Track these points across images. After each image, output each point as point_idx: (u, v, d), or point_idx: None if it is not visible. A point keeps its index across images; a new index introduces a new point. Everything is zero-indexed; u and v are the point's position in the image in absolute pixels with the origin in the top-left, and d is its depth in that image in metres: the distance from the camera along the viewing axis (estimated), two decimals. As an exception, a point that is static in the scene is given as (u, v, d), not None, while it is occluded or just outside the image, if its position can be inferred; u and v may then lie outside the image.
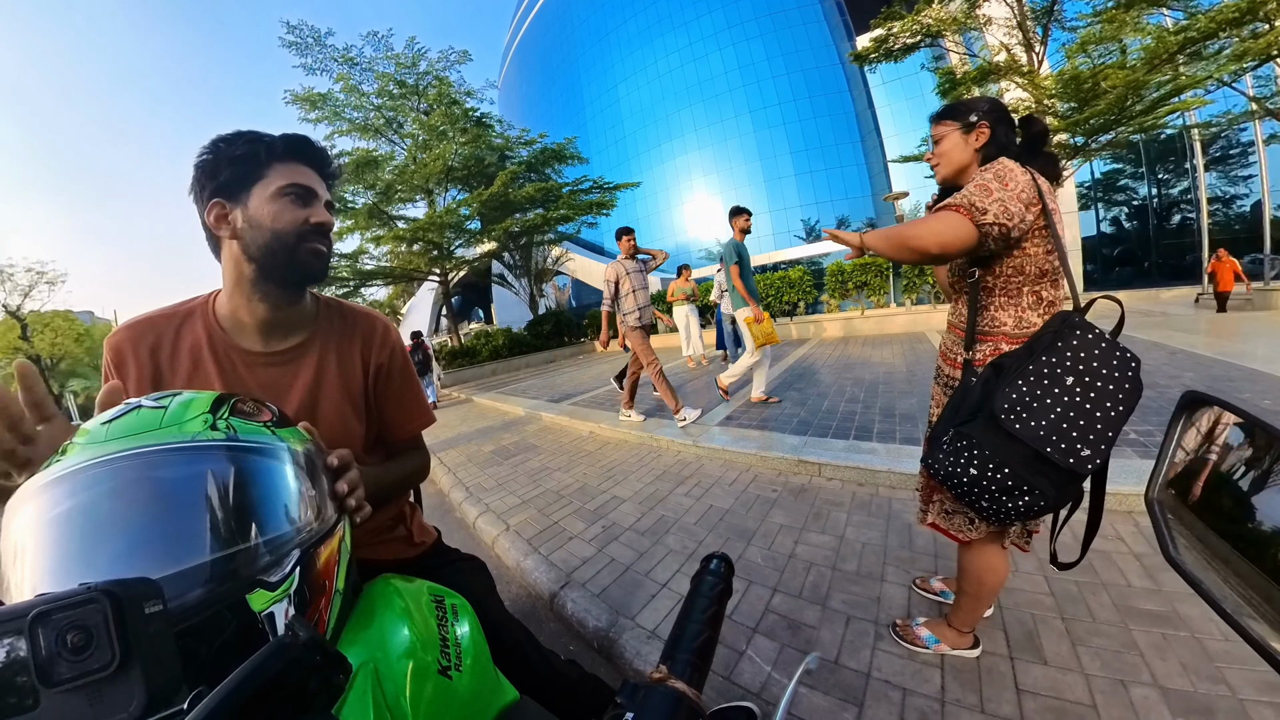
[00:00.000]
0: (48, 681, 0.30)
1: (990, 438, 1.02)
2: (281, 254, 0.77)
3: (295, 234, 0.77)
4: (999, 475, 1.01)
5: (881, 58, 11.89)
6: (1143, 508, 2.06)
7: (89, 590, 0.31)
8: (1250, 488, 0.41)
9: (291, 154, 0.79)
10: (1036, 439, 0.96)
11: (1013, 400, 1.00)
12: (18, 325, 24.68)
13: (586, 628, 1.84)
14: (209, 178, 0.76)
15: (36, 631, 0.30)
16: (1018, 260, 1.11)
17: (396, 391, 0.97)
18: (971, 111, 1.24)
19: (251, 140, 0.77)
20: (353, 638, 0.57)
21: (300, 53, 13.49)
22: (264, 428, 0.56)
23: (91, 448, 0.46)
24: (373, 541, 0.95)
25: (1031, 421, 0.97)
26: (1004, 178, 1.07)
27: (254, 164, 0.76)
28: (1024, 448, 0.98)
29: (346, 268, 14.56)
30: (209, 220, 0.77)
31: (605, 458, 3.94)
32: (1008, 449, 1.00)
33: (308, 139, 0.82)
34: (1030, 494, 0.99)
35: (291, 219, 0.77)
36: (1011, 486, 1.00)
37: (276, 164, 0.77)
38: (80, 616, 0.31)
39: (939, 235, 1.08)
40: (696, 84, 35.77)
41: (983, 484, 1.03)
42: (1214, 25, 8.43)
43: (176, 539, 0.45)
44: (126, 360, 0.78)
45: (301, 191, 0.78)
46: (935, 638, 1.43)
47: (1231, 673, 1.23)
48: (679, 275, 8.09)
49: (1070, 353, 0.97)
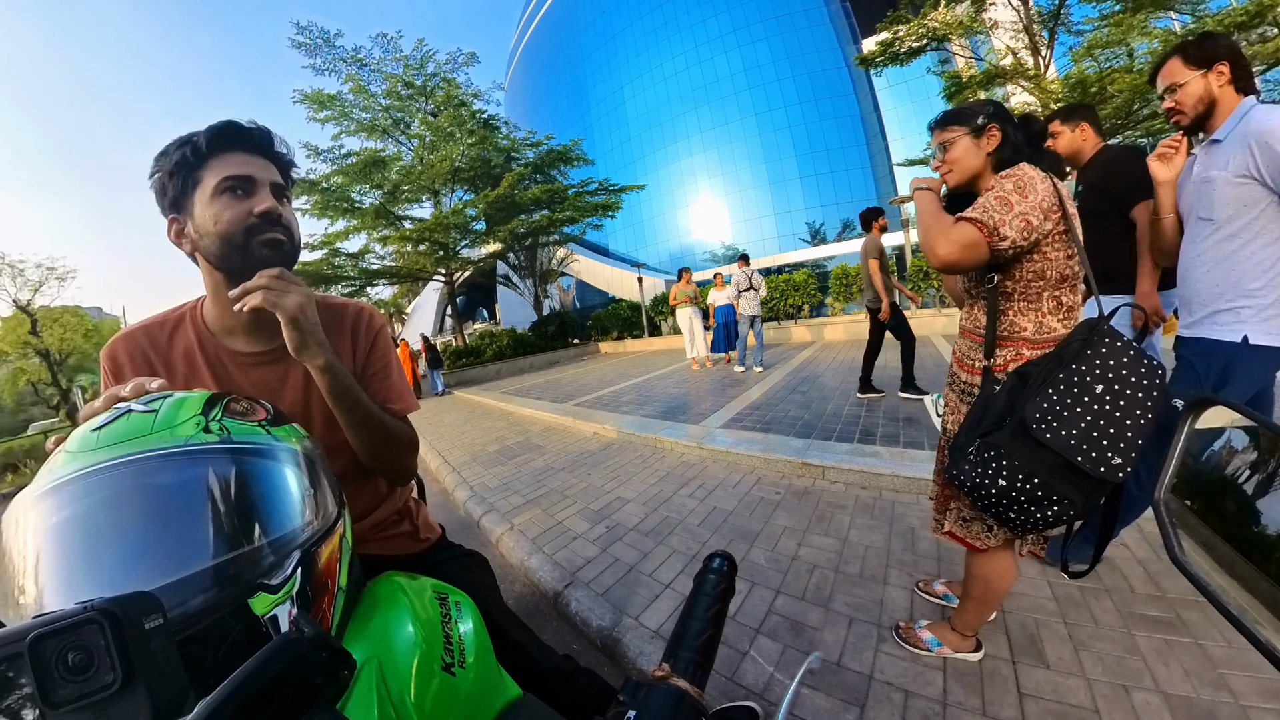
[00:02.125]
0: (50, 703, 0.30)
1: (1019, 447, 1.01)
2: (235, 255, 0.73)
3: (242, 231, 0.72)
4: (1028, 485, 1.00)
5: (887, 61, 11.84)
6: (1146, 513, 2.04)
7: (87, 610, 0.31)
8: (1257, 490, 0.41)
9: (221, 146, 0.73)
10: (1067, 448, 0.95)
11: (1043, 409, 0.99)
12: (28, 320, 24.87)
13: (590, 627, 1.84)
14: (161, 195, 0.73)
15: (37, 653, 0.30)
16: (1038, 265, 1.09)
17: (381, 377, 0.93)
18: (977, 115, 1.20)
19: (181, 144, 0.72)
20: (357, 634, 0.57)
21: (309, 53, 13.62)
22: (258, 427, 0.56)
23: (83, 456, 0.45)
24: (377, 537, 0.95)
25: (1062, 430, 0.96)
26: (1024, 188, 1.05)
27: (189, 169, 0.72)
28: (1054, 457, 0.97)
29: (352, 267, 14.64)
30: (171, 238, 0.75)
31: (609, 458, 3.94)
32: (1037, 458, 0.99)
33: (231, 123, 0.75)
34: (1060, 503, 0.98)
35: (233, 216, 0.72)
36: (1041, 496, 0.99)
37: (210, 161, 0.72)
38: (79, 637, 0.31)
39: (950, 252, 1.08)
40: (702, 86, 35.81)
41: (1011, 494, 1.02)
42: (1222, 29, 8.38)
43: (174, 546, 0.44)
44: (124, 369, 0.78)
45: (238, 183, 0.72)
46: (938, 640, 1.42)
47: (1235, 679, 1.22)
48: (680, 278, 8.07)
49: (1099, 361, 0.96)
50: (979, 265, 1.10)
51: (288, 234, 0.77)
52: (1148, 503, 1.03)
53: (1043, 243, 1.07)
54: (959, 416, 1.31)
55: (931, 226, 1.15)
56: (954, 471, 1.12)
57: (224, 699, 0.29)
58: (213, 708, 0.29)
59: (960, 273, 1.17)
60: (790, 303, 12.15)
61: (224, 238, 0.72)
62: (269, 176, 0.76)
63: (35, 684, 0.30)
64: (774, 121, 33.20)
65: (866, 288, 4.53)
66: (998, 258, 1.08)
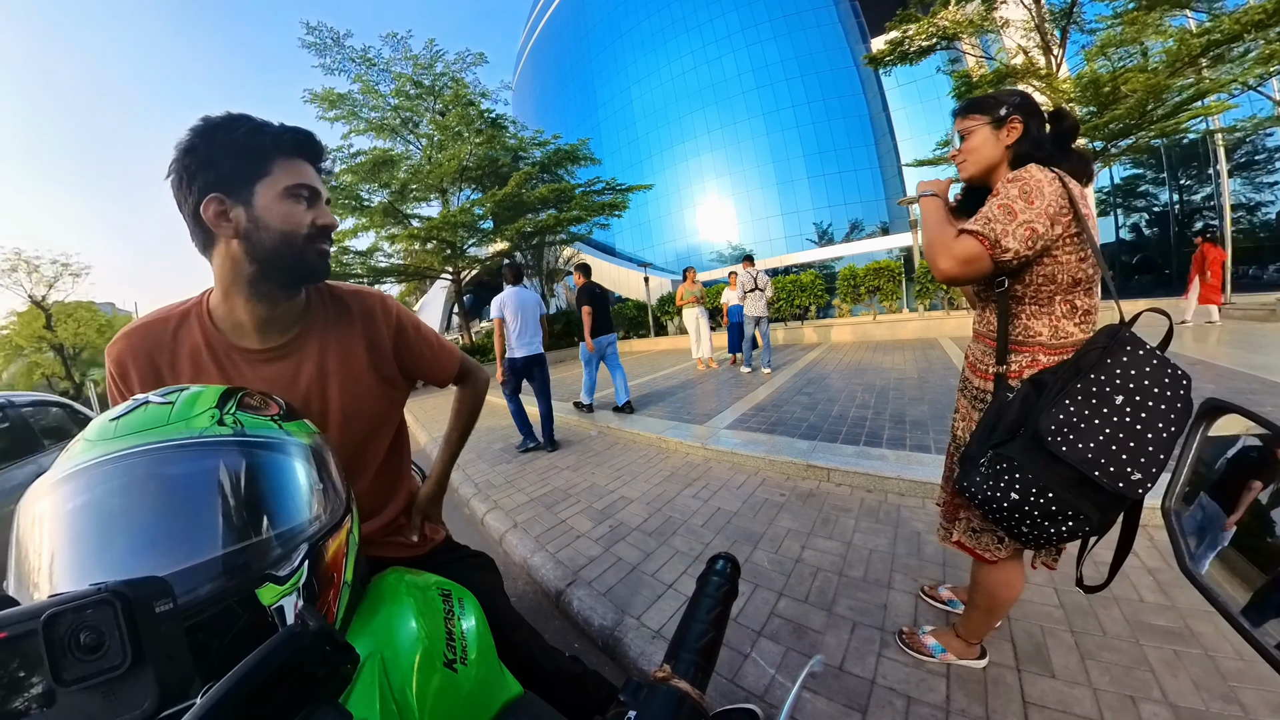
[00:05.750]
0: (62, 680, 0.31)
1: (1033, 459, 0.97)
2: (289, 256, 0.74)
3: (305, 236, 0.74)
4: (1042, 500, 0.96)
5: (897, 61, 11.76)
6: (1156, 520, 2.01)
7: (100, 590, 0.32)
8: (1270, 500, 0.40)
9: (297, 150, 0.75)
10: (1084, 461, 0.91)
11: (1059, 421, 0.94)
12: (43, 315, 25.27)
13: (592, 626, 1.84)
14: (202, 167, 0.68)
15: (50, 631, 0.31)
16: (1049, 268, 1.05)
17: (418, 349, 1.00)
18: (1001, 105, 1.14)
19: (254, 130, 0.71)
20: (360, 629, 0.58)
21: (319, 53, 13.73)
22: (271, 421, 0.57)
23: (101, 444, 0.47)
24: (384, 540, 0.96)
25: (1080, 443, 0.92)
26: (1030, 194, 1.01)
27: (258, 158, 0.71)
28: (1070, 471, 0.93)
29: (360, 265, 14.74)
30: (207, 216, 0.69)
31: (613, 457, 3.94)
32: (1052, 472, 0.95)
33: (313, 135, 0.77)
34: (1075, 519, 0.95)
35: (299, 222, 0.74)
36: (1055, 511, 0.96)
37: (280, 159, 0.72)
38: (92, 617, 0.31)
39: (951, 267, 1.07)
40: (710, 86, 35.67)
41: (1024, 509, 0.99)
42: (1239, 28, 8.22)
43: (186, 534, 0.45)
44: (129, 369, 0.77)
45: (310, 193, 0.75)
46: (942, 646, 1.41)
47: (1246, 692, 1.20)
48: (685, 278, 7.99)
49: (1120, 370, 0.92)
50: (983, 277, 1.08)
51: (330, 246, 0.81)
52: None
53: (1053, 247, 1.03)
54: (970, 423, 1.26)
55: (935, 239, 1.12)
56: (964, 483, 1.09)
57: (229, 689, 0.30)
58: (218, 697, 0.29)
59: (965, 284, 1.14)
60: (797, 304, 12.11)
61: (287, 237, 0.73)
62: (326, 193, 0.80)
63: (47, 661, 0.31)
64: (782, 121, 33.01)
65: None
66: (1002, 269, 1.05)
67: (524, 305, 4.30)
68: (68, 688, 0.31)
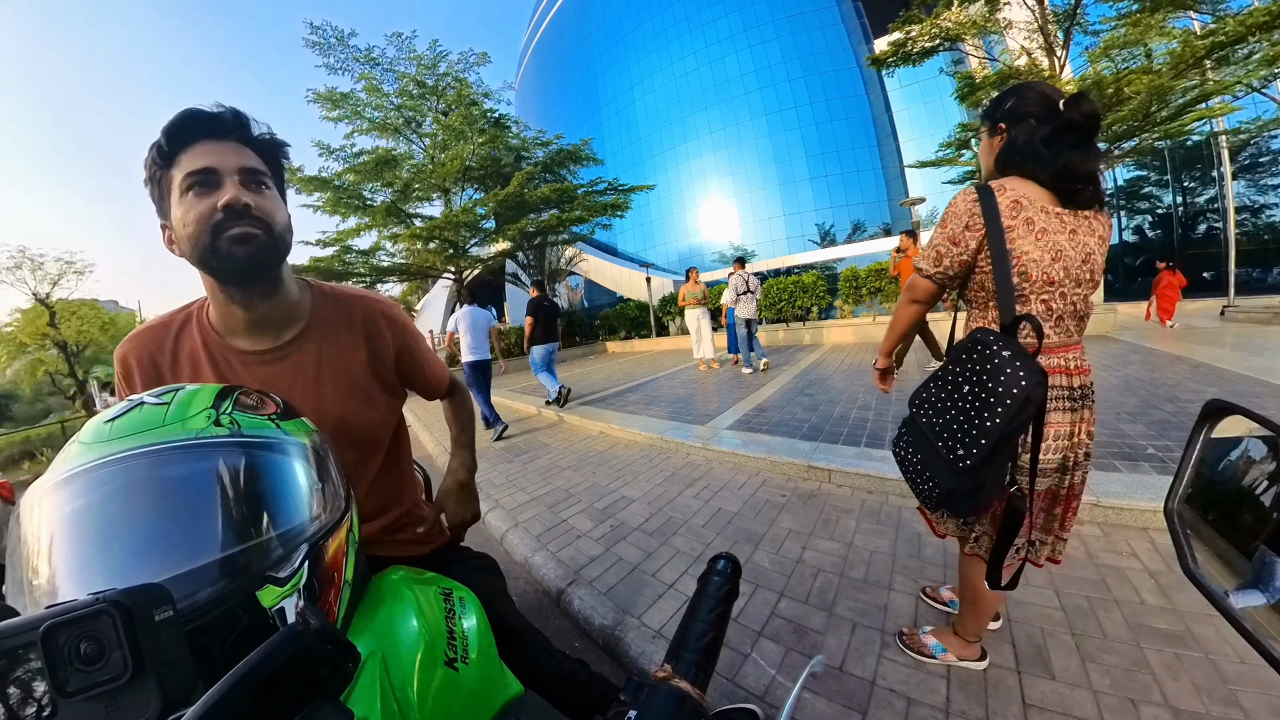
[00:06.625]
0: (64, 692, 0.31)
1: (912, 425, 1.23)
2: (209, 256, 0.68)
3: (209, 230, 0.66)
4: (915, 459, 1.20)
5: (899, 61, 11.73)
6: (1159, 524, 2.01)
7: (99, 601, 0.32)
8: (1274, 502, 0.40)
9: (186, 139, 0.67)
10: (933, 433, 1.12)
11: (923, 398, 1.18)
12: (47, 312, 25.37)
13: (592, 625, 1.84)
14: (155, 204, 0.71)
15: (50, 643, 0.31)
16: (978, 278, 1.16)
17: (420, 361, 1.02)
18: (995, 111, 1.18)
19: (151, 148, 0.68)
20: (361, 627, 0.58)
21: (323, 53, 13.76)
22: (268, 421, 0.56)
23: (96, 447, 0.46)
24: (386, 540, 0.95)
25: (936, 419, 1.12)
26: (944, 219, 1.16)
27: (161, 171, 0.68)
28: (923, 438, 1.16)
29: (363, 264, 14.77)
30: (166, 246, 0.72)
31: (615, 457, 3.94)
32: (922, 438, 1.18)
33: (190, 112, 0.68)
34: (932, 480, 1.14)
35: (198, 215, 0.66)
36: (920, 469, 1.18)
37: (179, 158, 0.67)
38: (91, 628, 0.31)
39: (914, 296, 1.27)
40: (713, 86, 35.68)
41: (904, 465, 1.24)
42: (1243, 29, 8.20)
43: (184, 538, 0.45)
44: (133, 371, 0.79)
45: (200, 177, 0.66)
46: (942, 647, 1.41)
47: (1247, 696, 1.20)
48: (687, 278, 7.98)
49: (972, 365, 1.05)
50: (934, 295, 1.26)
51: (263, 225, 0.69)
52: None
53: (977, 260, 1.13)
54: None
55: (896, 316, 1.37)
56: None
57: (230, 688, 0.30)
58: (218, 696, 0.29)
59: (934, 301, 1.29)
60: (799, 305, 12.09)
61: (194, 240, 0.67)
62: (238, 162, 0.69)
63: (48, 673, 0.31)
64: (784, 122, 32.99)
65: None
66: (943, 285, 1.22)
67: (475, 322, 5.43)
68: (70, 699, 0.31)
